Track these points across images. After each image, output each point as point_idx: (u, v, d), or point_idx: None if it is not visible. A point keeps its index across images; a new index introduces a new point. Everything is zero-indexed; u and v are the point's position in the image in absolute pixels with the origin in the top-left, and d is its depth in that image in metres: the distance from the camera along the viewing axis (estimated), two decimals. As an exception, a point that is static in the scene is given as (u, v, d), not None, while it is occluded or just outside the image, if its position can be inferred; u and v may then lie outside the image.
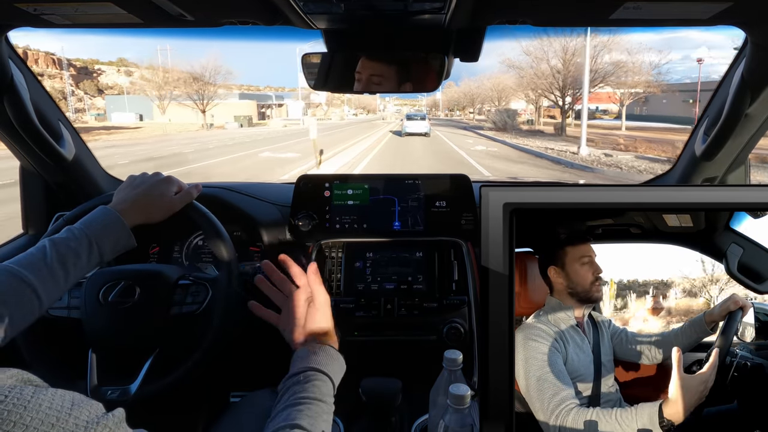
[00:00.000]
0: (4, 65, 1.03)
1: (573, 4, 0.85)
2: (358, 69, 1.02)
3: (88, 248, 0.82)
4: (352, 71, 1.02)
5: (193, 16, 0.88)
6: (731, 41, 25.36)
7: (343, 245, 1.27)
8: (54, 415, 0.39)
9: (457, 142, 22.19)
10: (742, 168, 1.23)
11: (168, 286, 0.97)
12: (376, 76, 1.02)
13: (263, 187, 1.47)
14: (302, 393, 0.68)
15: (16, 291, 0.73)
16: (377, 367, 1.07)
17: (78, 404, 0.41)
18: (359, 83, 1.03)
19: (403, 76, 1.02)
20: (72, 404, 0.41)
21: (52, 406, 0.39)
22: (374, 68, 1.02)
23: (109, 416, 0.43)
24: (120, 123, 44.87)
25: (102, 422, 0.42)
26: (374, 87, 1.03)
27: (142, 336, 0.94)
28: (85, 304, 0.93)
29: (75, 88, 61.75)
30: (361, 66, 1.02)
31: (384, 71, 1.02)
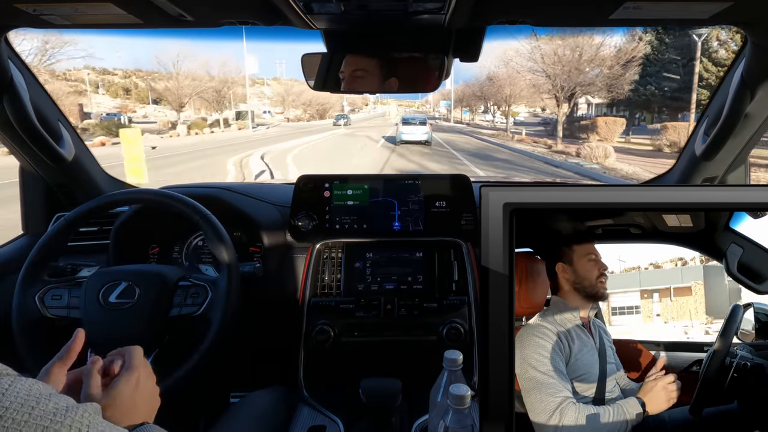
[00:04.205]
0: (3, 65, 1.03)
1: (573, 4, 0.85)
2: (358, 68, 1.02)
3: None
4: (352, 71, 1.02)
5: (193, 16, 0.88)
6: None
7: (343, 245, 1.27)
8: (33, 400, 0.40)
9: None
10: (742, 168, 1.23)
11: (168, 288, 0.97)
12: (376, 76, 1.02)
13: (263, 188, 1.47)
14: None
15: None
16: (377, 367, 1.07)
17: (55, 393, 0.43)
18: (359, 84, 1.03)
19: (402, 76, 1.02)
20: (50, 393, 0.42)
21: (30, 394, 0.40)
22: (373, 68, 1.02)
23: (87, 405, 0.44)
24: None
25: (81, 409, 0.43)
26: (374, 87, 1.04)
27: (141, 337, 0.94)
28: (85, 305, 0.93)
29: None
30: (360, 66, 1.02)
31: (382, 71, 1.02)
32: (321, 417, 1.06)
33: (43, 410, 0.40)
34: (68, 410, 0.42)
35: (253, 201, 1.36)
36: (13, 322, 0.92)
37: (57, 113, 1.25)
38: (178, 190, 1.16)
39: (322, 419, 1.05)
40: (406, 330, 1.18)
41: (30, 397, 0.40)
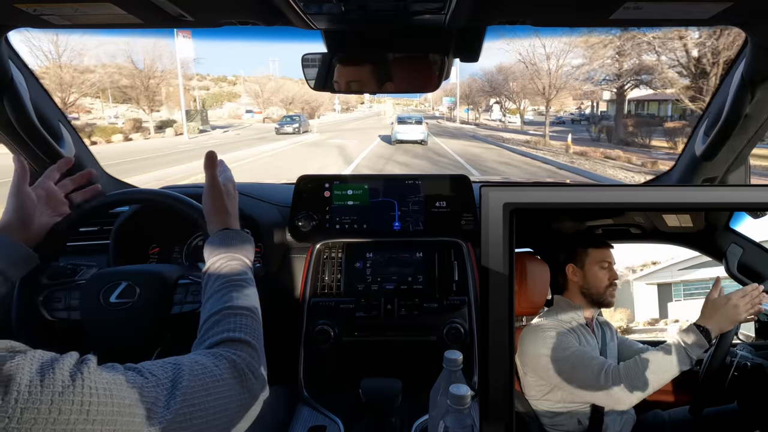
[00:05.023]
0: (4, 65, 1.03)
1: (573, 4, 0.85)
2: (358, 68, 1.02)
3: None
4: (352, 72, 1.02)
5: (193, 16, 0.88)
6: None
7: (343, 245, 1.27)
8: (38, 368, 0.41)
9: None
10: (742, 168, 1.23)
11: (168, 286, 0.97)
12: (376, 76, 1.02)
13: (263, 188, 1.47)
14: (223, 279, 0.72)
15: None
16: (377, 367, 1.07)
17: (58, 358, 0.44)
18: (359, 83, 1.03)
19: (402, 76, 1.02)
20: (53, 358, 0.44)
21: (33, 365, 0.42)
22: (373, 68, 1.02)
23: (89, 358, 0.46)
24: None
25: (84, 366, 0.45)
26: (374, 87, 1.04)
27: (143, 336, 0.94)
28: (86, 306, 0.93)
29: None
30: (359, 66, 1.02)
31: (382, 71, 1.02)
32: (321, 417, 1.06)
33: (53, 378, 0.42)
34: (75, 374, 0.43)
35: (254, 201, 1.35)
36: (14, 325, 0.91)
37: (57, 113, 1.25)
38: (179, 190, 1.16)
39: (322, 419, 1.05)
40: (406, 330, 1.18)
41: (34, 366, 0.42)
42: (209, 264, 0.76)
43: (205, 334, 0.64)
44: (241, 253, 0.77)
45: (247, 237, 0.82)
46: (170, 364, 0.53)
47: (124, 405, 0.45)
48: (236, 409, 0.56)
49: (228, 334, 0.62)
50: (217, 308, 0.66)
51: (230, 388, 0.56)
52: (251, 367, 0.60)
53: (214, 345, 0.61)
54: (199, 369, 0.54)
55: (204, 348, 0.61)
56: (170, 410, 0.48)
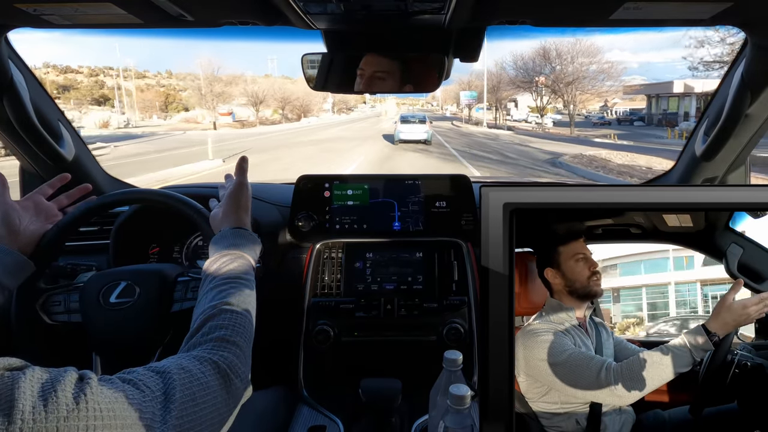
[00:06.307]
0: (3, 65, 1.03)
1: (573, 4, 0.85)
2: (358, 68, 1.02)
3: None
4: (352, 71, 1.02)
5: (193, 16, 0.88)
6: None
7: (343, 246, 1.27)
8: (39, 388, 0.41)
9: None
10: (742, 168, 1.23)
11: (167, 284, 0.97)
12: (377, 76, 1.02)
13: (263, 188, 1.47)
14: (226, 275, 0.73)
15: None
16: (377, 367, 1.07)
17: (58, 377, 0.43)
18: (359, 83, 1.03)
19: (403, 76, 1.02)
20: (53, 378, 0.43)
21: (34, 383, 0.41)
22: (373, 68, 1.02)
23: (88, 375, 0.46)
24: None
25: (86, 386, 0.44)
26: (374, 87, 1.03)
27: (144, 335, 0.94)
28: (86, 307, 0.93)
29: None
30: (360, 65, 1.02)
31: (383, 71, 1.02)
32: (321, 417, 1.06)
33: (56, 401, 0.41)
34: (78, 394, 0.43)
35: (254, 201, 1.35)
36: (14, 333, 0.91)
37: (57, 113, 1.25)
38: (178, 190, 1.16)
39: (322, 419, 1.05)
40: (406, 330, 1.18)
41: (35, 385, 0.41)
42: (217, 256, 0.77)
43: (198, 328, 0.65)
44: (248, 253, 0.79)
45: (257, 239, 0.85)
46: (158, 375, 0.53)
47: (126, 425, 0.45)
48: (222, 417, 0.57)
49: (219, 332, 0.63)
50: (213, 303, 0.68)
51: (215, 396, 0.56)
52: (234, 368, 0.61)
53: (203, 342, 0.62)
54: (187, 378, 0.54)
55: (194, 342, 0.63)
56: (167, 425, 0.49)
